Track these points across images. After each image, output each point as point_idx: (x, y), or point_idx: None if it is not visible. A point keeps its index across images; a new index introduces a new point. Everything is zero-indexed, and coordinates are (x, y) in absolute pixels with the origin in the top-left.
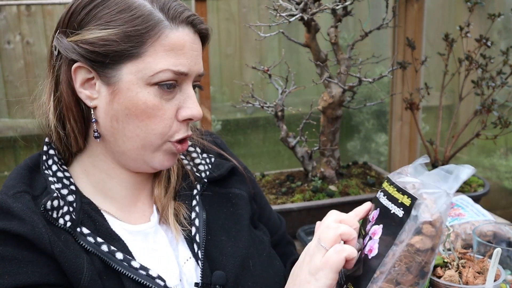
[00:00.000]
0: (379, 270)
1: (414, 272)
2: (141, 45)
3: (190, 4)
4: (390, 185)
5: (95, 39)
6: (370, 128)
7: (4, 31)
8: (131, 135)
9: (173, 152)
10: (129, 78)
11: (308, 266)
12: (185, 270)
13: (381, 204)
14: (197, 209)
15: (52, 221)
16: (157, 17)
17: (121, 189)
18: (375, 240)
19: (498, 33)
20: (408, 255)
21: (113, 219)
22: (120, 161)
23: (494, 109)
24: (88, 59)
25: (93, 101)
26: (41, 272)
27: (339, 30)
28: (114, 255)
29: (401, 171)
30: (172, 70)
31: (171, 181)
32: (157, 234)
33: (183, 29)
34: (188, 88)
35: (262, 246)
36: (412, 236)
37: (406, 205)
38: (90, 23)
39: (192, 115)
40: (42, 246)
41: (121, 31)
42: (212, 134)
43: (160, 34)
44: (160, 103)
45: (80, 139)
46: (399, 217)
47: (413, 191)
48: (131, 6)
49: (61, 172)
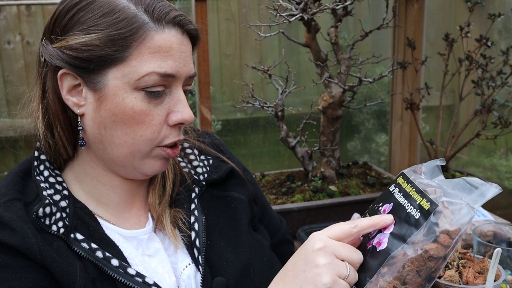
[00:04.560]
0: (386, 265)
1: (423, 276)
2: (125, 49)
3: (190, 4)
4: (407, 183)
5: (78, 45)
6: (370, 128)
7: (4, 31)
8: (119, 142)
9: (164, 157)
10: (115, 83)
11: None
12: (184, 277)
13: (395, 200)
14: (196, 213)
15: (45, 228)
16: (142, 19)
17: (114, 195)
18: (386, 235)
19: (498, 33)
20: (421, 259)
21: (107, 224)
22: (110, 167)
23: (494, 109)
24: (73, 65)
25: (80, 108)
26: (35, 278)
27: (339, 30)
28: (109, 262)
29: (415, 169)
30: (158, 73)
31: (166, 189)
32: (151, 241)
33: (169, 31)
34: (178, 92)
35: (262, 251)
36: (429, 243)
37: (425, 209)
38: (73, 28)
39: (183, 119)
40: (33, 257)
41: (105, 35)
42: (211, 135)
43: (145, 37)
44: (148, 108)
45: (69, 147)
46: (415, 218)
47: (433, 196)
48: (115, 9)
49: (53, 178)
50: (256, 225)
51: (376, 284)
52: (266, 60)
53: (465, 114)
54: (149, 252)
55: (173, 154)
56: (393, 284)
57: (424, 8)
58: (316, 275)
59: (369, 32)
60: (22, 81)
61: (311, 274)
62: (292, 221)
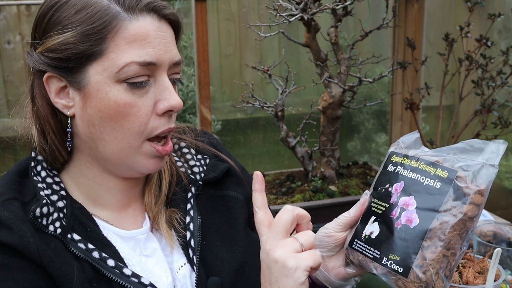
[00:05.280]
0: (427, 238)
1: (464, 237)
2: (101, 42)
3: (190, 4)
4: (410, 160)
5: (56, 45)
6: (370, 128)
7: (4, 31)
8: (109, 138)
9: (155, 155)
10: (97, 78)
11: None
12: (179, 276)
13: (405, 177)
14: (192, 213)
15: (42, 228)
16: (114, 10)
17: (110, 196)
18: (412, 211)
19: (498, 33)
20: (461, 223)
21: (105, 223)
22: (106, 167)
23: (494, 109)
24: (54, 66)
25: (70, 109)
26: (31, 278)
27: (339, 30)
28: (105, 262)
29: (397, 146)
30: (137, 62)
31: (162, 190)
32: (149, 241)
33: (144, 18)
34: (163, 79)
35: (258, 250)
36: (465, 206)
37: (444, 177)
38: (51, 30)
39: (171, 105)
40: (30, 256)
41: (79, 31)
42: (208, 135)
43: (119, 28)
44: (132, 99)
45: (63, 151)
46: (436, 188)
47: (447, 164)
48: (88, 4)
49: (51, 178)
50: (253, 224)
51: (424, 258)
52: (266, 60)
53: (465, 114)
54: (147, 252)
55: (163, 151)
56: (442, 253)
57: (424, 8)
58: (281, 268)
59: (369, 32)
60: (22, 81)
61: (277, 271)
62: None
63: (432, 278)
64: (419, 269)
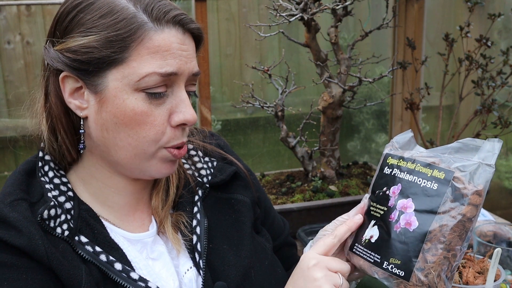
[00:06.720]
0: (427, 241)
1: (463, 238)
2: (124, 50)
3: (190, 4)
4: (406, 162)
5: (77, 47)
6: (370, 128)
7: (4, 31)
8: (123, 144)
9: (170, 159)
10: (115, 85)
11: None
12: (185, 280)
13: (401, 180)
14: (198, 216)
15: (49, 230)
16: (140, 20)
17: (118, 198)
18: (410, 214)
19: (498, 33)
20: (460, 224)
21: (112, 226)
22: (116, 169)
23: (494, 109)
24: (73, 68)
25: (83, 111)
26: (41, 279)
27: (339, 30)
28: (112, 265)
29: (392, 146)
30: (159, 73)
31: (169, 194)
32: (155, 244)
33: (169, 30)
34: (180, 91)
35: (264, 254)
36: (463, 207)
37: (440, 178)
38: (73, 30)
39: (185, 119)
40: (39, 258)
41: (103, 37)
42: (216, 136)
43: (143, 37)
44: (149, 108)
45: (72, 150)
46: (433, 189)
47: (443, 165)
48: (114, 9)
49: (58, 178)
50: (258, 227)
51: (425, 260)
52: (266, 60)
53: (465, 114)
54: (153, 256)
55: (179, 155)
56: (443, 255)
57: (424, 8)
58: (317, 287)
59: (369, 32)
60: (22, 81)
61: (312, 287)
62: (292, 221)
63: (434, 281)
64: (421, 272)
